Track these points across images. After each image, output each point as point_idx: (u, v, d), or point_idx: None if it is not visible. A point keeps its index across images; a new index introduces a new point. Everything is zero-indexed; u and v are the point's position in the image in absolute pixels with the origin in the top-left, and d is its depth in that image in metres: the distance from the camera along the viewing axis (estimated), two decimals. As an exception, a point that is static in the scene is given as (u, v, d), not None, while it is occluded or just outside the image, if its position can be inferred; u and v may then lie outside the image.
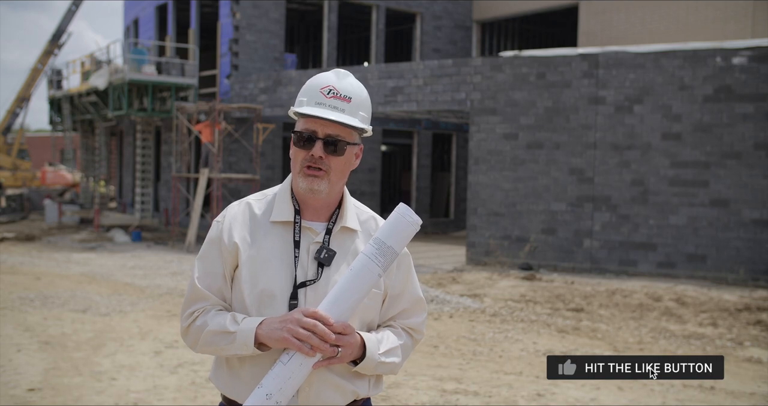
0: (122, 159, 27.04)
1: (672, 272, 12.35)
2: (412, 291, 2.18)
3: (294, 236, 2.03)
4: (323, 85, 2.04)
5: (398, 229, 1.96)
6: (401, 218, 1.96)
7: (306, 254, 2.03)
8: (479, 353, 7.15)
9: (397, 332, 2.14)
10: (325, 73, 2.10)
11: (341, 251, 2.06)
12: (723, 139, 12.15)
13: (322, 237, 2.05)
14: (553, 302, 9.89)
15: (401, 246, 1.97)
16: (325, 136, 2.00)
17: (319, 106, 2.01)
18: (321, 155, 2.00)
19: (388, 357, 2.05)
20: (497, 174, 14.04)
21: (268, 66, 19.51)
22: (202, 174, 17.21)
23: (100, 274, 12.18)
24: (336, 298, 1.91)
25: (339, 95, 2.02)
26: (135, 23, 25.73)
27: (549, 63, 13.52)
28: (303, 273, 2.01)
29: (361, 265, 1.93)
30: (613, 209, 12.95)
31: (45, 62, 26.86)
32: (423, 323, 2.21)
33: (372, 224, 2.16)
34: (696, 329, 8.39)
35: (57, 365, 6.32)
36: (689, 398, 5.78)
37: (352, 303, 1.93)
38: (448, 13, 23.01)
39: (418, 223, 1.98)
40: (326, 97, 2.02)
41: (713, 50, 12.24)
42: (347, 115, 2.02)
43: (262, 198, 2.14)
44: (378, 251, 1.93)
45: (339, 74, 2.07)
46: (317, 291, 2.00)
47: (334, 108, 2.01)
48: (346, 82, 2.05)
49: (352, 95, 2.04)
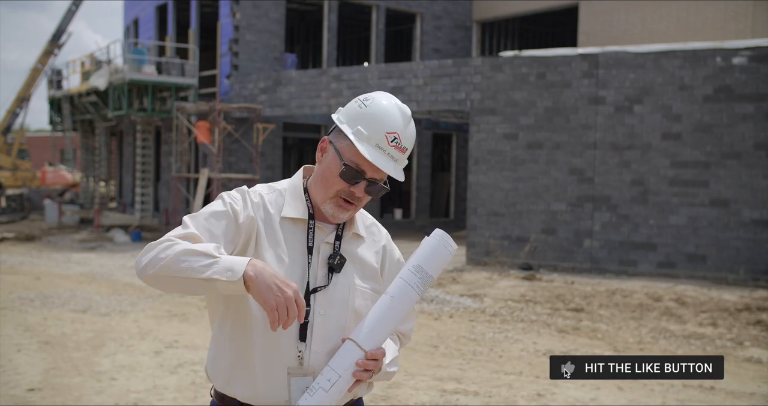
0: (122, 159, 27.03)
1: (672, 272, 12.35)
2: None
3: (308, 242, 2.03)
4: (391, 129, 1.98)
5: (438, 256, 1.97)
6: (441, 246, 1.97)
7: (317, 255, 2.03)
8: (479, 353, 7.15)
9: (394, 339, 2.17)
10: (394, 109, 2.00)
11: (350, 256, 2.07)
12: (723, 140, 12.15)
13: (332, 238, 2.06)
14: (553, 302, 9.89)
15: (438, 272, 1.99)
16: (371, 179, 2.00)
17: (379, 152, 1.97)
18: (361, 196, 2.01)
19: (391, 366, 2.08)
20: (497, 174, 14.04)
21: (268, 66, 19.52)
22: (202, 174, 17.22)
23: (100, 274, 12.18)
24: (375, 325, 1.92)
25: (400, 146, 1.99)
26: (135, 23, 25.73)
27: (549, 63, 13.52)
28: (313, 276, 2.02)
29: (401, 292, 1.93)
30: (613, 209, 12.95)
31: (45, 62, 26.87)
32: (412, 329, 2.25)
33: (374, 230, 2.18)
34: (696, 329, 8.39)
35: (57, 365, 6.32)
36: (689, 398, 5.78)
37: (390, 329, 1.95)
38: (448, 13, 23.01)
39: (455, 249, 2.01)
40: (389, 144, 1.98)
41: (713, 50, 12.24)
42: (399, 167, 2.01)
43: (271, 192, 2.09)
44: (420, 280, 1.94)
45: (406, 119, 2.02)
46: (328, 296, 2.01)
47: (390, 157, 1.98)
48: (410, 131, 2.02)
49: (410, 146, 2.02)
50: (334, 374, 1.86)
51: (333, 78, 16.92)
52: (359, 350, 1.88)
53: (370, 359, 1.89)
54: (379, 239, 2.18)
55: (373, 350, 1.89)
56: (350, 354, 1.88)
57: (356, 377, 1.88)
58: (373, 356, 1.89)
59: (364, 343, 1.89)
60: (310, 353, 1.96)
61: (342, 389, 1.87)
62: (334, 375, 1.86)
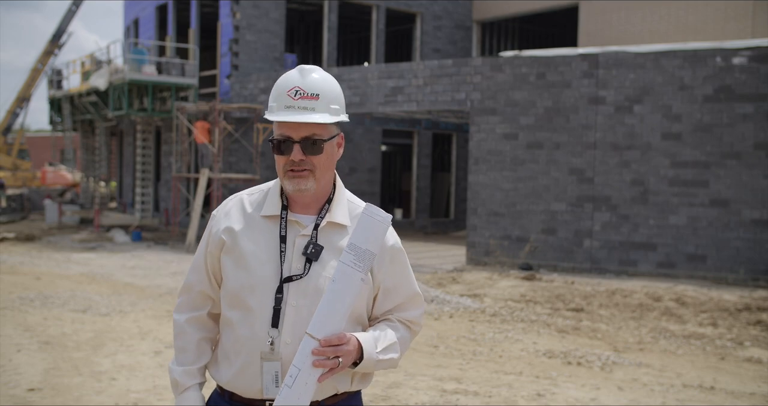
0: (122, 159, 27.04)
1: (672, 272, 12.36)
2: (407, 286, 2.18)
3: (280, 231, 2.06)
4: (289, 86, 2.02)
5: (370, 230, 1.95)
6: (369, 219, 1.95)
7: (292, 248, 2.05)
8: (479, 353, 7.15)
9: (394, 326, 2.15)
10: (290, 72, 2.07)
11: (329, 245, 2.06)
12: (723, 140, 12.15)
13: (309, 231, 2.06)
14: (553, 302, 9.90)
15: (377, 246, 1.96)
16: (301, 139, 2.00)
17: (289, 110, 2.00)
18: (301, 158, 2.01)
19: (386, 354, 2.06)
20: (497, 174, 14.04)
21: (268, 66, 19.52)
22: (202, 174, 17.22)
23: (100, 274, 12.18)
24: (326, 311, 1.92)
25: (306, 94, 2.01)
26: (135, 23, 25.74)
27: (549, 63, 13.52)
28: (289, 267, 2.03)
29: (342, 274, 1.93)
30: (613, 209, 12.95)
31: (45, 62, 26.87)
32: (421, 315, 2.22)
33: None
34: (696, 329, 8.39)
35: (57, 365, 6.32)
36: (689, 398, 5.78)
37: (343, 313, 1.93)
38: (448, 13, 23.02)
39: (388, 219, 1.97)
40: (294, 99, 2.00)
41: (713, 50, 12.24)
42: (318, 114, 2.00)
43: (256, 193, 2.17)
44: (356, 257, 1.93)
45: (303, 71, 2.05)
46: (303, 286, 2.02)
47: (303, 109, 2.00)
48: (311, 79, 2.03)
49: (319, 91, 2.02)
50: (294, 368, 1.88)
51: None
52: (312, 340, 1.89)
53: (326, 346, 1.89)
54: None
55: (327, 337, 1.89)
56: (306, 346, 1.89)
57: (317, 366, 1.88)
58: (329, 342, 1.89)
59: (316, 332, 1.89)
60: (281, 343, 2.00)
61: (306, 381, 1.87)
62: (294, 370, 1.88)
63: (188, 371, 2.12)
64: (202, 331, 2.17)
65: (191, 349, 2.15)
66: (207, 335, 2.18)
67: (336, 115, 2.05)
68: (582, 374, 6.42)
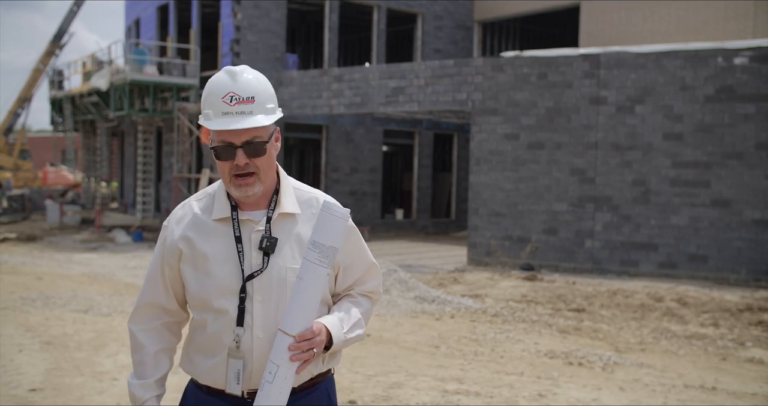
0: (123, 159, 27.05)
1: (673, 273, 12.35)
2: (364, 260, 2.25)
3: (234, 232, 2.09)
4: (223, 93, 2.01)
5: (330, 226, 1.98)
6: (330, 216, 1.99)
7: (249, 245, 2.08)
8: (480, 353, 7.14)
9: (356, 302, 2.22)
10: (219, 75, 2.06)
11: (284, 235, 2.10)
12: (724, 140, 12.15)
13: (263, 225, 2.09)
14: (555, 303, 9.89)
15: (339, 241, 2.00)
16: (243, 143, 2.02)
17: (227, 117, 2.00)
18: (246, 162, 2.02)
19: (353, 332, 2.14)
20: (498, 174, 14.04)
21: (270, 66, 19.52)
22: (203, 174, 17.23)
23: (101, 274, 12.18)
24: (296, 309, 1.97)
25: (242, 98, 2.00)
26: (136, 23, 25.75)
27: (550, 63, 13.52)
28: (249, 265, 2.07)
29: (308, 271, 1.97)
30: (615, 210, 12.95)
31: (46, 63, 26.90)
32: (379, 284, 2.30)
33: (314, 203, 2.17)
34: (698, 330, 8.38)
35: (59, 365, 6.32)
36: (691, 399, 5.77)
37: (312, 308, 1.99)
38: (449, 13, 23.01)
39: (347, 214, 2.01)
40: (230, 105, 2.00)
41: (714, 50, 12.23)
42: (255, 116, 2.01)
43: (203, 197, 2.19)
44: (320, 254, 1.97)
45: (233, 74, 2.03)
46: (266, 279, 2.06)
47: (241, 113, 2.00)
48: (243, 81, 2.02)
49: (254, 93, 2.02)
50: (272, 365, 1.96)
51: (334, 78, 16.92)
52: (287, 337, 1.95)
53: (301, 341, 1.95)
54: (318, 210, 2.14)
55: (301, 332, 1.95)
56: (281, 342, 1.96)
57: (295, 360, 1.95)
58: (303, 337, 1.95)
59: (289, 328, 1.96)
60: (252, 338, 2.05)
61: (286, 375, 1.95)
62: (273, 366, 1.95)
63: (145, 385, 2.18)
64: (158, 343, 2.21)
65: (148, 361, 2.19)
66: (163, 346, 2.22)
67: (272, 114, 2.06)
68: (583, 375, 6.42)
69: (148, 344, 2.20)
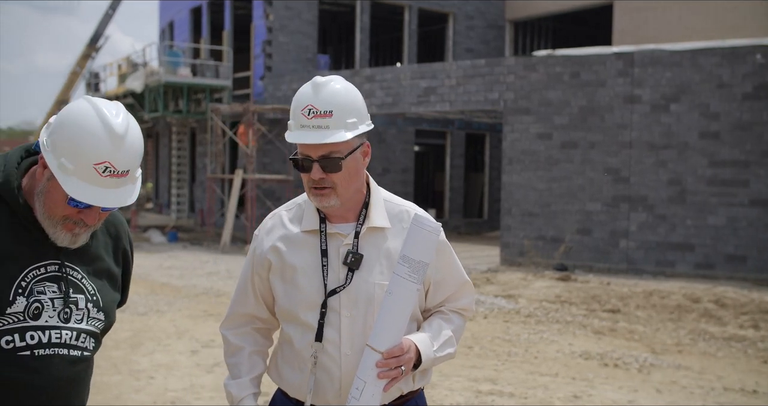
0: (158, 160, 27.38)
1: (711, 273, 12.15)
2: (456, 276, 2.19)
3: (321, 245, 2.07)
4: (303, 105, 1.98)
5: (421, 241, 1.94)
6: (420, 230, 1.95)
7: (336, 260, 2.06)
8: (514, 354, 7.10)
9: (448, 318, 2.17)
10: (305, 87, 2.02)
11: (374, 250, 2.07)
12: (763, 138, 11.92)
13: (350, 239, 2.06)
14: (589, 303, 9.80)
15: (430, 256, 1.95)
16: (319, 157, 1.98)
17: (304, 130, 1.97)
18: (321, 177, 1.99)
19: (443, 350, 2.10)
20: (531, 174, 13.94)
21: (302, 67, 19.62)
22: (236, 175, 17.36)
23: (137, 274, 12.34)
24: (385, 324, 1.94)
25: (319, 112, 1.96)
26: (170, 26, 26.05)
27: (583, 62, 13.39)
28: (335, 279, 2.04)
29: (397, 286, 1.94)
30: (650, 209, 12.78)
31: (83, 65, 27.31)
32: (472, 302, 2.24)
33: (405, 216, 2.13)
34: (737, 331, 8.23)
35: (96, 364, 6.40)
36: (730, 402, 5.68)
37: (401, 325, 1.95)
38: (481, 12, 22.92)
39: (438, 228, 1.96)
40: (308, 118, 1.97)
41: (752, 47, 12.02)
42: (332, 131, 1.96)
43: (292, 207, 2.17)
44: (410, 269, 1.93)
45: (316, 86, 1.99)
46: (351, 295, 2.03)
47: (317, 128, 1.96)
48: (324, 94, 1.98)
49: (333, 107, 1.96)
50: (360, 381, 1.92)
51: (366, 79, 16.94)
52: (375, 353, 1.92)
53: (389, 358, 1.92)
54: (409, 224, 2.08)
55: (389, 349, 1.92)
56: (368, 359, 1.93)
57: (383, 378, 1.92)
58: (391, 354, 1.92)
59: (377, 345, 1.92)
60: (340, 355, 2.02)
61: (373, 392, 1.92)
62: (360, 383, 1.92)
63: (241, 383, 2.15)
64: (252, 345, 2.21)
65: (243, 362, 2.18)
66: (257, 348, 2.21)
67: (354, 129, 1.98)
68: (619, 376, 6.35)
69: (242, 345, 2.20)
